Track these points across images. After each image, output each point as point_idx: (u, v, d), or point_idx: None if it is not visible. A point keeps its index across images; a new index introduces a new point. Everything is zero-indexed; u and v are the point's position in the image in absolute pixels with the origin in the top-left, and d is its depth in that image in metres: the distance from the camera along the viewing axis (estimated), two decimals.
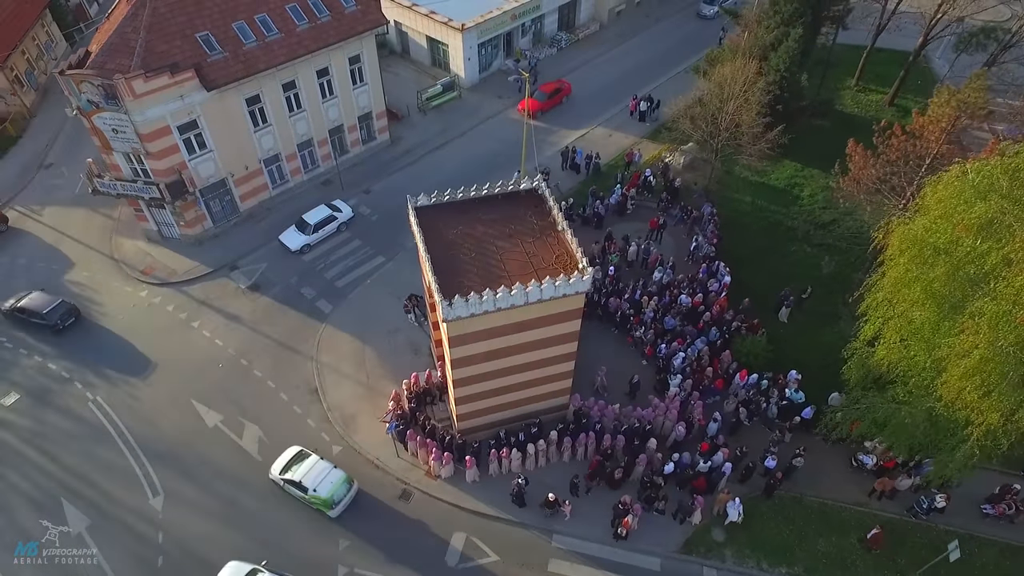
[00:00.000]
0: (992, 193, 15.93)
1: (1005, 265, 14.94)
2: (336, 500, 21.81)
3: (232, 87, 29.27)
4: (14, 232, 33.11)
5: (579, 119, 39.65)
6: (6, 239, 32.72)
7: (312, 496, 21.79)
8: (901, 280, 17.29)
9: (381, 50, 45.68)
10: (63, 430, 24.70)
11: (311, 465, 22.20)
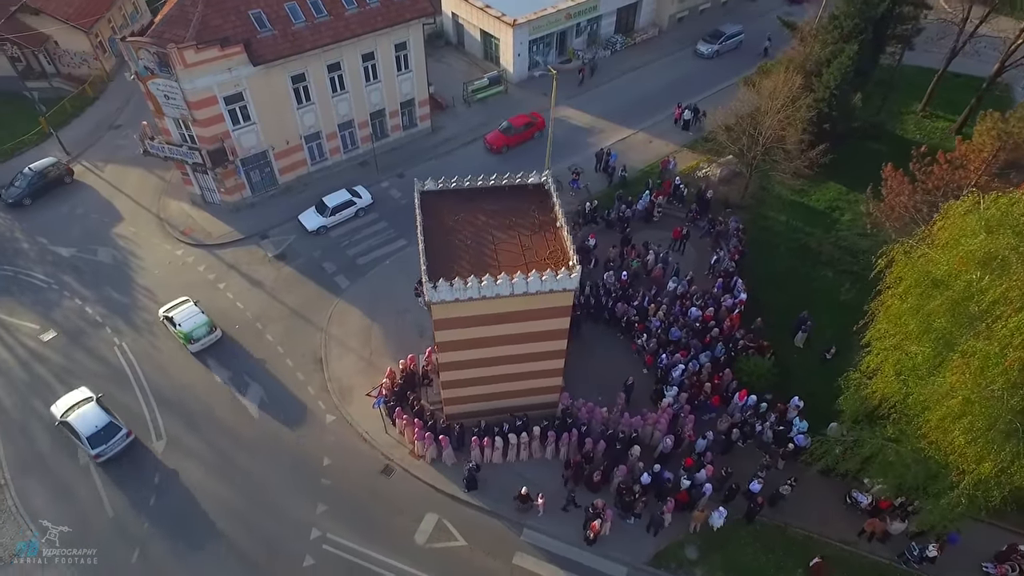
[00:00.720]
0: (1004, 228, 14.97)
1: (1003, 303, 14.02)
2: (195, 338, 26.54)
3: (278, 64, 30.60)
4: (77, 184, 35.68)
5: (622, 122, 39.29)
6: (69, 190, 35.30)
7: (177, 330, 26.63)
8: (898, 311, 16.45)
9: (436, 40, 46.95)
10: (88, 369, 26.55)
11: (185, 308, 27.24)
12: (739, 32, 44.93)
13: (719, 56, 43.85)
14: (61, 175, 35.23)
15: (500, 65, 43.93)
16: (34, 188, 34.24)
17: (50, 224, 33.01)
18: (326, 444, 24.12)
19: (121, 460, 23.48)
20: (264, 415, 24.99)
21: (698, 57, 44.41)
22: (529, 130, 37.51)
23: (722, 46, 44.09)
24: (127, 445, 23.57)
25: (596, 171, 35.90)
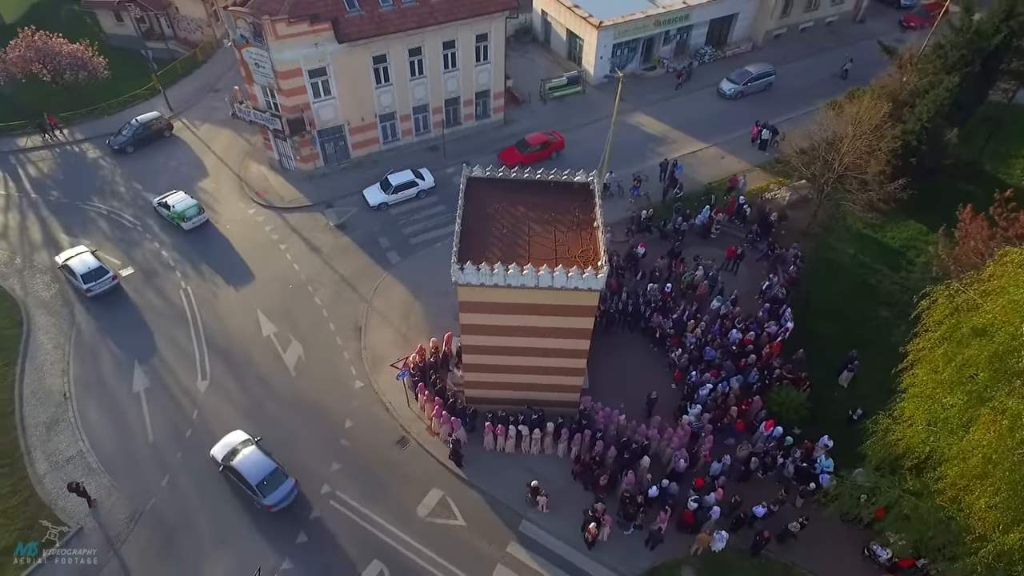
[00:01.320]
0: None
1: None
2: (186, 217, 31.67)
3: (362, 44, 32.02)
4: (174, 139, 38.69)
5: (696, 135, 38.49)
6: (167, 143, 38.34)
7: (171, 211, 31.77)
8: (935, 357, 15.46)
9: (523, 36, 47.56)
10: (155, 307, 28.88)
11: (181, 198, 32.39)
12: (768, 73, 41.56)
13: (743, 97, 41.02)
14: (162, 128, 38.39)
15: (581, 66, 43.98)
16: (138, 138, 37.49)
17: (145, 172, 36.00)
18: (350, 408, 25.18)
19: (166, 395, 25.41)
20: (299, 372, 26.36)
21: (721, 97, 41.49)
22: (546, 149, 35.95)
23: (747, 87, 41.10)
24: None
25: (660, 180, 35.34)
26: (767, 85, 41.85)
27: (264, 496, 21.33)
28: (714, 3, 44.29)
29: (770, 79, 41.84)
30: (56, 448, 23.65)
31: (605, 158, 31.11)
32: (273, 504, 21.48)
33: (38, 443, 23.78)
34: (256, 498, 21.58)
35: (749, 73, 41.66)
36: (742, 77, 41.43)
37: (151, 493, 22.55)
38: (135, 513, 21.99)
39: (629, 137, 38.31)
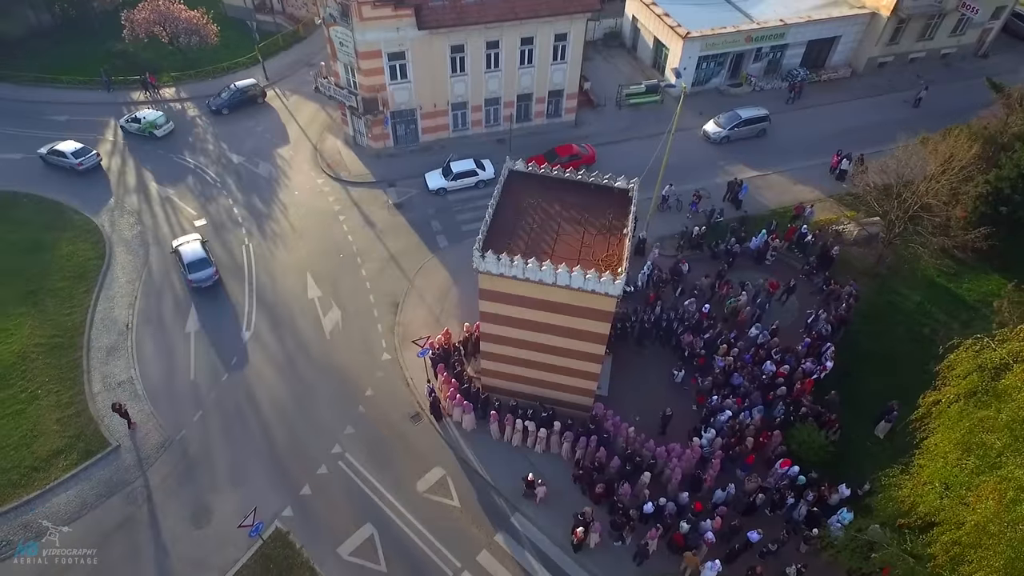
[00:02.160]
0: None
1: None
2: (157, 125, 37.42)
3: (442, 32, 33.02)
4: (265, 107, 41.33)
5: (773, 157, 37.09)
6: (258, 110, 41.00)
7: (143, 123, 37.30)
8: (952, 414, 14.44)
9: (611, 40, 47.35)
10: (217, 257, 31.07)
11: (148, 112, 38.15)
12: (761, 117, 38.13)
13: (729, 142, 37.73)
14: (256, 95, 41.14)
15: (664, 75, 43.29)
16: (234, 102, 40.36)
17: (233, 134, 38.71)
18: (374, 378, 26.21)
19: (212, 339, 27.38)
20: (333, 336, 27.68)
21: (706, 140, 38.10)
22: (573, 162, 34.41)
23: (734, 131, 37.73)
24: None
25: (723, 200, 34.36)
26: (760, 132, 38.60)
27: (190, 273, 28.62)
28: (815, 23, 42.42)
29: (763, 125, 38.59)
30: (111, 372, 26.05)
31: (661, 170, 30.62)
32: (194, 281, 28.68)
33: (98, 364, 26.27)
34: (186, 273, 28.86)
35: (738, 117, 38.43)
36: (731, 120, 37.87)
37: (183, 425, 24.43)
38: (166, 441, 23.91)
39: (701, 152, 37.47)
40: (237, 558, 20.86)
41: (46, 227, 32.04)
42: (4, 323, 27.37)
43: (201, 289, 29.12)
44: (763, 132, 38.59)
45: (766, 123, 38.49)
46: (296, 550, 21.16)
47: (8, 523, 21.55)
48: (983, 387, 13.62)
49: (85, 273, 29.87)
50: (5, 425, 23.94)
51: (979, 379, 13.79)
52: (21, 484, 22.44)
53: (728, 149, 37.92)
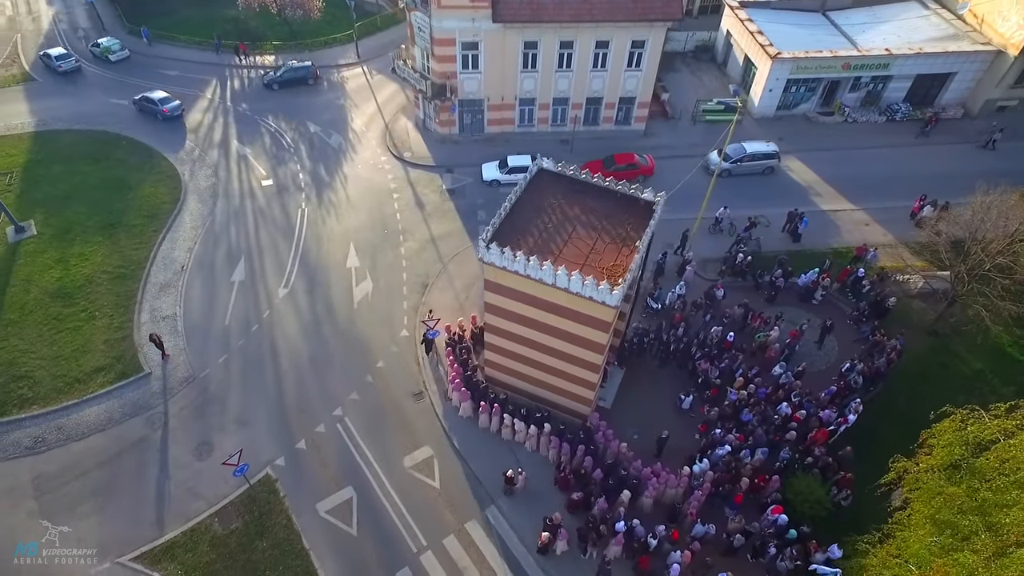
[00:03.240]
0: None
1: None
2: (112, 51, 43.49)
3: (516, 27, 33.39)
4: (317, 87, 42.85)
5: (848, 194, 34.94)
6: (310, 90, 42.58)
7: (100, 48, 43.53)
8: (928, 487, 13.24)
9: (702, 54, 46.05)
10: (272, 217, 33.12)
11: (107, 39, 44.44)
12: (769, 154, 35.49)
13: (730, 176, 35.16)
14: (306, 77, 42.47)
15: (748, 94, 41.62)
16: (285, 79, 42.18)
17: (314, 105, 40.94)
18: (388, 351, 27.09)
19: (252, 291, 29.23)
20: (360, 306, 28.83)
21: (704, 171, 35.01)
22: (631, 171, 34.32)
23: (736, 166, 35.17)
24: None
25: (782, 231, 32.69)
26: (767, 169, 35.83)
27: (160, 107, 36.59)
28: (927, 57, 39.34)
29: (771, 163, 35.77)
30: (159, 306, 28.44)
31: (708, 190, 29.61)
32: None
33: (149, 298, 28.75)
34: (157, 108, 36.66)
35: (742, 150, 35.65)
36: (735, 153, 35.37)
37: (208, 365, 26.31)
38: (190, 376, 25.86)
39: (769, 179, 35.81)
40: (226, 494, 22.29)
41: (136, 168, 35.30)
42: (83, 249, 30.48)
43: (253, 246, 31.08)
44: (771, 170, 36.06)
45: (774, 161, 35.93)
46: (279, 498, 22.33)
47: (46, 423, 24.11)
48: (964, 462, 12.33)
49: (158, 214, 32.68)
50: (63, 338, 26.73)
51: (960, 453, 12.50)
52: (64, 391, 25.02)
53: (797, 180, 36.01)
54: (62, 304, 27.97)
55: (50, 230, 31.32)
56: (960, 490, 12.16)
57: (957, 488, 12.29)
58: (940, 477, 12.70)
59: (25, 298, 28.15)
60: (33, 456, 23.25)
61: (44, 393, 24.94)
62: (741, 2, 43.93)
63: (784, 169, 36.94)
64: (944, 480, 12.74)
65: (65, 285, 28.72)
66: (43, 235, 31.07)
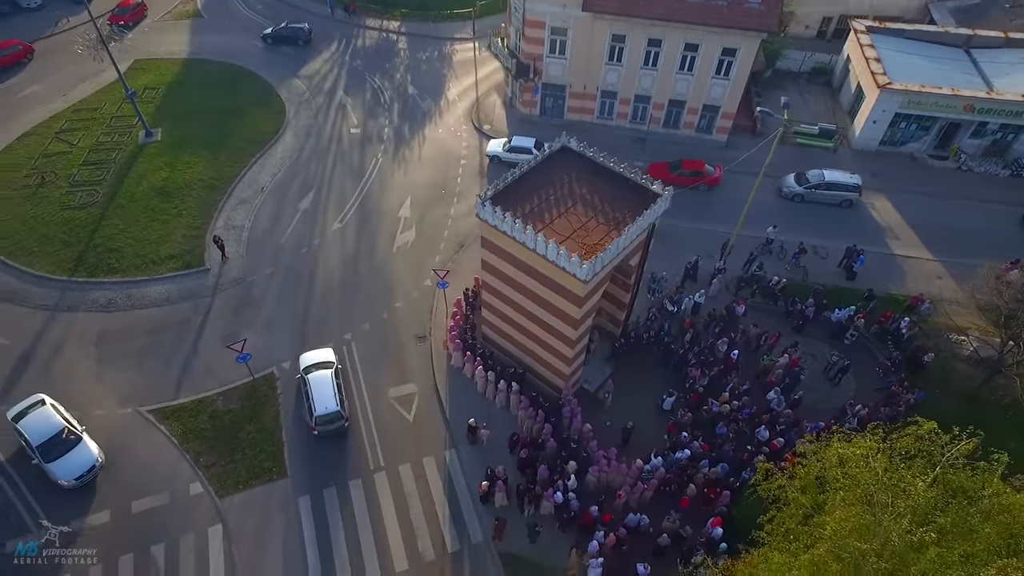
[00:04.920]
0: None
1: None
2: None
3: (605, 18, 34.07)
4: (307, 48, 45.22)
5: (931, 244, 32.50)
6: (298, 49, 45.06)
7: None
8: None
9: (817, 77, 43.92)
10: (350, 161, 36.42)
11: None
12: (850, 185, 33.47)
13: (803, 202, 33.92)
14: (298, 36, 44.94)
15: (850, 123, 39.29)
16: (277, 36, 45.04)
17: (420, 71, 43.97)
18: (409, 296, 29.24)
19: (312, 219, 32.60)
20: (397, 252, 31.26)
21: (778, 195, 34.55)
22: (696, 178, 34.02)
23: (810, 192, 33.78)
24: None
25: (838, 266, 31.00)
26: (845, 202, 33.75)
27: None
28: None
29: (851, 195, 33.56)
30: (233, 216, 32.59)
31: (740, 222, 28.93)
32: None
33: (228, 208, 32.99)
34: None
35: (821, 177, 33.44)
36: (813, 179, 33.98)
37: (256, 273, 29.90)
38: (239, 279, 29.57)
39: (846, 212, 33.94)
40: (234, 380, 25.53)
41: (253, 100, 40.15)
42: (190, 158, 35.45)
43: (326, 181, 34.57)
44: (849, 203, 34.07)
45: (854, 194, 33.83)
46: (275, 394, 25.25)
47: (120, 290, 28.76)
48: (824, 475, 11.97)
49: (258, 141, 37.11)
50: (153, 226, 31.53)
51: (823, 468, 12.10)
52: (141, 268, 29.64)
53: (877, 218, 33.78)
54: (160, 200, 32.88)
55: (170, 139, 36.67)
56: (807, 499, 11.80)
57: (805, 497, 11.93)
58: (788, 521, 12.40)
59: (135, 189, 33.39)
60: (104, 314, 27.89)
61: (126, 266, 29.68)
62: (870, 27, 41.37)
63: (865, 205, 34.76)
64: (798, 492, 12.38)
65: (167, 185, 33.67)
66: (164, 142, 36.47)
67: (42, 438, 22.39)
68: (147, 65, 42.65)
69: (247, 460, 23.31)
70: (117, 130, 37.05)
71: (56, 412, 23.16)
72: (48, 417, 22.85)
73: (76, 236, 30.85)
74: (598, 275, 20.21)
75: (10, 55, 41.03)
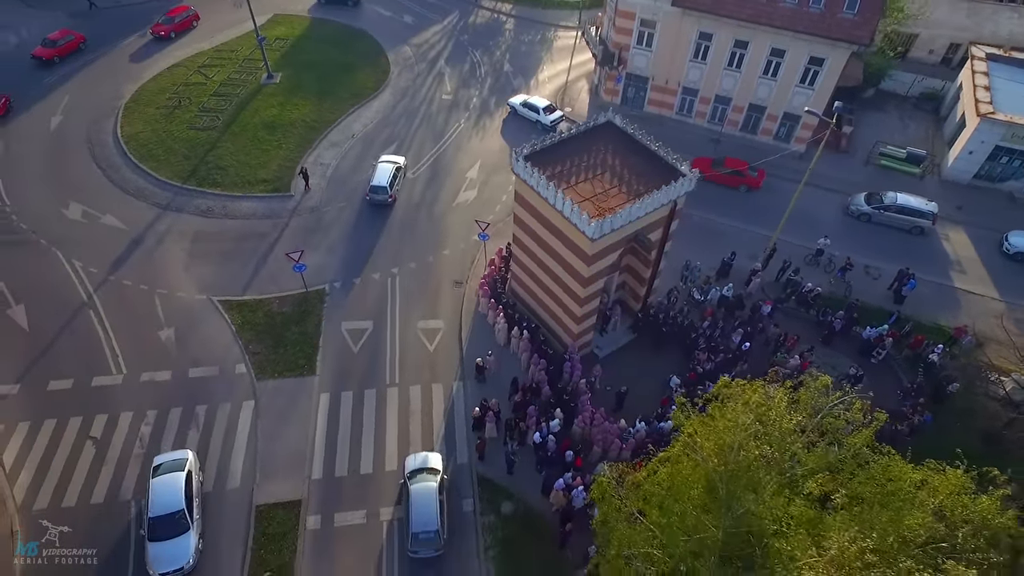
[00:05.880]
0: None
1: None
2: None
3: (693, 15, 34.82)
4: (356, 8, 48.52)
5: (1000, 283, 30.94)
6: (348, 10, 48.08)
7: None
8: None
9: (925, 104, 42.36)
10: (434, 123, 39.50)
11: None
12: (924, 212, 32.35)
13: (869, 222, 33.27)
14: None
15: (945, 152, 37.48)
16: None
17: (519, 52, 46.46)
18: (457, 248, 31.73)
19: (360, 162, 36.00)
20: (456, 207, 33.99)
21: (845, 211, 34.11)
22: (734, 177, 34.56)
23: (878, 213, 32.99)
24: None
25: (888, 288, 30.24)
26: (915, 228, 32.74)
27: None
28: None
29: (923, 222, 32.55)
30: (323, 155, 36.64)
31: (781, 225, 28.89)
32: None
33: (320, 148, 37.09)
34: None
35: (893, 199, 32.23)
36: (886, 200, 33.06)
37: (330, 205, 33.65)
38: (315, 207, 33.44)
39: (916, 239, 32.87)
40: (291, 289, 29.21)
41: (363, 59, 44.34)
42: (298, 102, 40.00)
43: (409, 135, 37.95)
44: (919, 230, 32.87)
45: (926, 222, 32.52)
46: (321, 307, 28.67)
47: (219, 201, 33.41)
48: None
49: (360, 95, 41.13)
50: (256, 153, 36.16)
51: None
52: (238, 186, 34.23)
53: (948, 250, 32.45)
54: (266, 132, 37.55)
55: (287, 83, 41.50)
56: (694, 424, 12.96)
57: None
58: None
59: (249, 121, 38.30)
60: (201, 218, 32.62)
61: (227, 183, 34.39)
62: (991, 55, 39.09)
63: (938, 235, 33.34)
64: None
65: (275, 121, 38.33)
66: (281, 85, 41.34)
67: (160, 511, 20.70)
68: (282, 20, 48.12)
69: (286, 355, 26.83)
70: (246, 70, 42.38)
71: (185, 484, 21.30)
72: (176, 489, 21.06)
73: (194, 152, 36.05)
74: (606, 236, 21.64)
75: (182, 20, 46.38)
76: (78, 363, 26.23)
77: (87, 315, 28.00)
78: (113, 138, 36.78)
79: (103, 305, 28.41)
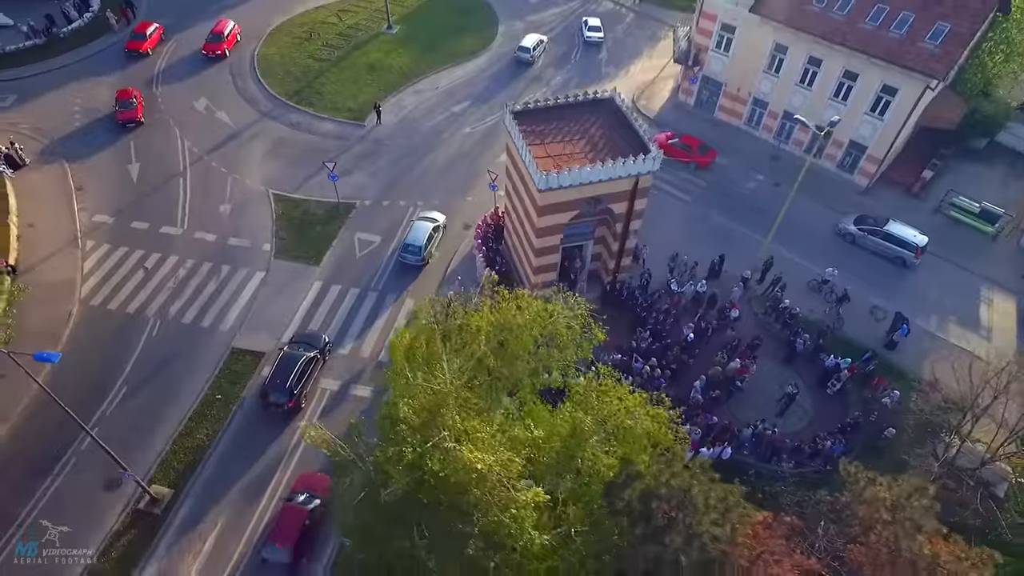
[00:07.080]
0: None
1: None
2: None
3: (771, 25, 34.63)
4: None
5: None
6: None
7: None
8: None
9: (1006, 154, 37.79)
10: (510, 87, 42.55)
11: None
12: (909, 244, 30.88)
13: (853, 243, 32.41)
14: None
15: None
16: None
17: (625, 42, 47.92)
18: (479, 197, 34.76)
19: (453, 121, 39.84)
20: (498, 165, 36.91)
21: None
22: (685, 152, 36.52)
23: (860, 235, 32.09)
24: None
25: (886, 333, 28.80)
26: (898, 259, 31.38)
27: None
28: None
29: (906, 253, 31.05)
30: (404, 100, 41.36)
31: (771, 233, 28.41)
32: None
33: (404, 93, 41.80)
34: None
35: (882, 222, 31.70)
36: (875, 224, 32.04)
37: (391, 140, 38.31)
38: (380, 140, 38.28)
39: (905, 272, 30.91)
40: (329, 197, 34.15)
41: (475, 26, 48.42)
42: (402, 51, 45.05)
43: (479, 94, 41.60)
44: (903, 262, 31.01)
45: (909, 254, 30.71)
46: (347, 217, 33.46)
47: (307, 118, 39.39)
48: None
49: (457, 55, 45.37)
50: (351, 86, 41.79)
51: None
52: (328, 108, 40.02)
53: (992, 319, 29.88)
54: (366, 72, 43.11)
55: (401, 35, 46.84)
56: None
57: None
58: None
59: (357, 60, 44.13)
60: (288, 129, 38.79)
61: (320, 105, 40.35)
62: None
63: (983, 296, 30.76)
64: None
65: (377, 64, 43.80)
66: (396, 36, 46.77)
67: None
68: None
69: (303, 245, 31.87)
70: (373, 19, 48.37)
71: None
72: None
73: (304, 77, 42.51)
74: (557, 192, 23.66)
75: None
76: (157, 213, 33.19)
77: (177, 181, 35.05)
78: (250, 55, 44.27)
79: (191, 176, 35.32)
